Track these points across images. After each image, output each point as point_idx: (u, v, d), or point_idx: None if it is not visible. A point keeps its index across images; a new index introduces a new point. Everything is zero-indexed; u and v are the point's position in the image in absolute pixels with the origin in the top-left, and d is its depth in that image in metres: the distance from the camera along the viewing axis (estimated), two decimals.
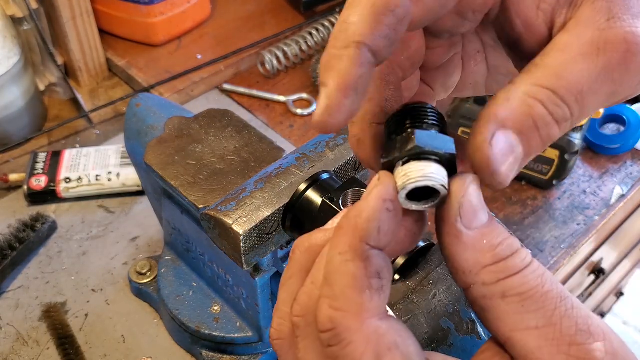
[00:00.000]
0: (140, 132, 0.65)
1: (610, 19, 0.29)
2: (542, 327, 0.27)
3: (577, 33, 0.29)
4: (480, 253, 0.28)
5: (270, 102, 1.03)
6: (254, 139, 0.62)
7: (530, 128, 0.28)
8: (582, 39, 0.29)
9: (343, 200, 0.45)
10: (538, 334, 0.27)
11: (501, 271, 0.28)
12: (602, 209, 0.89)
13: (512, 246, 0.28)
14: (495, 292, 0.28)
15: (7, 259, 0.76)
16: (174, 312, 0.67)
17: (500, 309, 0.28)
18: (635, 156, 0.97)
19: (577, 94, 0.28)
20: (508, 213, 0.88)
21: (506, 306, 0.27)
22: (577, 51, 0.29)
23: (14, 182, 0.88)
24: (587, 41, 0.29)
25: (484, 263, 0.28)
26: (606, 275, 1.43)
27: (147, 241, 0.82)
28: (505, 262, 0.28)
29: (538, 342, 0.27)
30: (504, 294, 0.28)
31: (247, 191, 0.50)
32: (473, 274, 0.28)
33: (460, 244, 0.29)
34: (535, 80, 0.28)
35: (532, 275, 0.28)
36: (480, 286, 0.28)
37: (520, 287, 0.27)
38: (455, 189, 0.29)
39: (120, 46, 1.08)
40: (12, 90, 0.90)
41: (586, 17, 0.29)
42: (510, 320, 0.27)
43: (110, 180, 0.86)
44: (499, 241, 0.28)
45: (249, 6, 1.18)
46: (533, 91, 0.28)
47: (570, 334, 0.26)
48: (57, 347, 0.70)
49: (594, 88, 0.28)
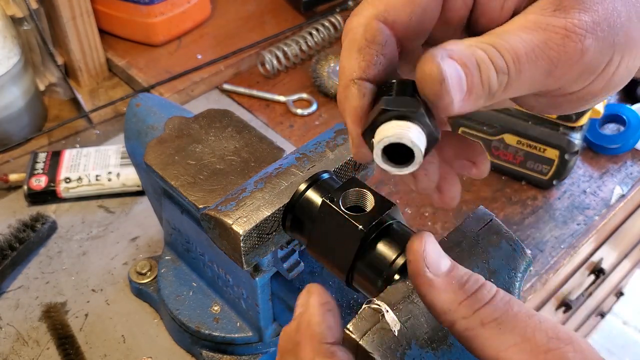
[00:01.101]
0: (140, 132, 0.65)
1: (557, 10, 0.32)
2: (520, 343, 0.31)
3: (524, 15, 0.33)
4: (452, 292, 0.33)
5: (270, 102, 1.03)
6: (254, 139, 0.62)
7: (473, 65, 0.32)
8: (528, 19, 0.33)
9: (343, 200, 0.45)
10: (518, 350, 0.31)
11: (475, 302, 0.32)
12: (602, 209, 0.89)
13: (477, 281, 0.33)
14: (474, 323, 0.32)
15: (7, 259, 0.76)
16: (174, 312, 0.68)
17: (483, 336, 0.32)
18: (635, 156, 0.97)
19: (514, 55, 0.32)
20: (508, 213, 0.88)
21: (486, 332, 0.32)
22: (521, 25, 0.33)
23: (14, 182, 0.88)
24: (531, 20, 0.33)
25: (459, 299, 0.33)
26: (606, 275, 1.43)
27: (147, 241, 0.82)
28: (476, 295, 0.33)
29: (520, 356, 0.31)
30: (482, 322, 0.32)
31: (247, 191, 0.50)
32: (452, 311, 0.33)
33: (434, 289, 0.33)
34: (481, 39, 0.33)
35: (501, 302, 0.32)
36: (461, 320, 0.32)
37: (494, 313, 0.32)
38: (416, 246, 0.34)
39: (120, 46, 1.08)
40: (12, 90, 0.90)
41: (537, 6, 0.33)
42: (494, 344, 0.31)
43: (110, 180, 0.86)
44: (466, 279, 0.33)
45: (249, 6, 1.18)
46: (477, 43, 0.32)
47: (544, 343, 0.31)
48: (57, 347, 0.70)
49: (531, 56, 0.32)
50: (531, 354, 0.30)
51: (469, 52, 0.32)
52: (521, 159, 0.89)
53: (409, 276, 0.35)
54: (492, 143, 0.90)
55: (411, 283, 0.35)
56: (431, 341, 0.39)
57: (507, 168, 0.91)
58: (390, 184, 0.90)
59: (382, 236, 0.43)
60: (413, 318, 0.39)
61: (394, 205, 0.45)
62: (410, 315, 0.39)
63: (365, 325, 0.38)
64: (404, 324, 0.38)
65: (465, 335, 0.33)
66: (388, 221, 0.44)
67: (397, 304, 0.39)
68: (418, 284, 0.34)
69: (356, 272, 0.43)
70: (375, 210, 0.43)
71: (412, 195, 0.89)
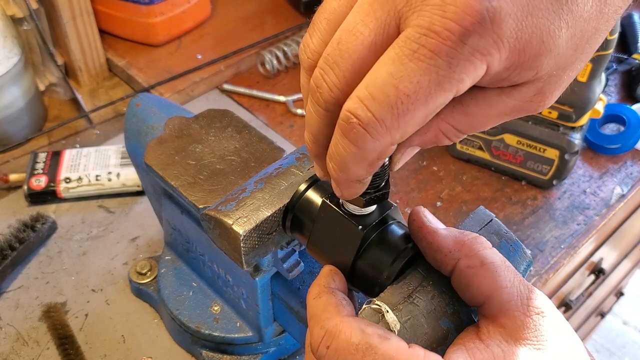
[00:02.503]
0: (140, 132, 0.65)
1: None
2: (509, 287, 0.38)
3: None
4: (455, 237, 0.40)
5: (270, 102, 1.03)
6: (254, 139, 0.62)
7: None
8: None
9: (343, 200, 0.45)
10: (508, 292, 0.38)
11: (478, 243, 0.40)
12: (602, 209, 0.89)
13: (473, 234, 0.41)
14: (475, 261, 0.39)
15: (7, 259, 0.76)
16: (174, 312, 0.68)
17: (480, 274, 0.39)
18: (635, 156, 0.97)
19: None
20: (508, 213, 0.88)
21: (485, 271, 0.38)
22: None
23: (14, 182, 0.88)
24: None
25: (462, 240, 0.40)
26: (606, 275, 1.43)
27: (147, 241, 0.82)
28: (476, 239, 0.40)
29: (508, 297, 0.38)
30: (482, 263, 0.39)
31: (247, 191, 0.50)
32: (457, 250, 0.39)
33: (438, 235, 0.40)
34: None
35: (498, 255, 0.40)
36: (464, 258, 0.39)
37: (493, 257, 0.39)
38: (416, 209, 0.42)
39: (120, 46, 1.08)
40: (12, 90, 0.90)
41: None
42: (488, 282, 0.38)
43: (110, 180, 0.86)
44: (463, 232, 0.41)
45: (249, 6, 1.18)
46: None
47: (527, 293, 0.38)
48: (57, 347, 0.70)
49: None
50: (516, 298, 0.38)
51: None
52: (521, 159, 0.89)
53: (412, 233, 0.42)
54: (492, 143, 0.90)
55: (415, 239, 0.42)
56: (431, 341, 0.39)
57: (507, 168, 0.91)
58: (391, 184, 0.90)
59: (382, 236, 0.43)
60: (413, 318, 0.39)
61: (394, 206, 0.45)
62: (410, 316, 0.39)
63: None
64: (404, 324, 0.38)
65: (466, 273, 0.39)
66: (388, 221, 0.44)
67: (398, 304, 0.39)
68: (423, 233, 0.41)
69: (356, 272, 0.43)
70: (376, 210, 0.43)
71: (412, 195, 0.89)
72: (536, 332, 0.37)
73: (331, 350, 0.37)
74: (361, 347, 0.36)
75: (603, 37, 0.35)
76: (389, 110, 0.31)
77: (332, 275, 0.43)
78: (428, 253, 0.41)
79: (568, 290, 1.30)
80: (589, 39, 0.33)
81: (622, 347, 2.31)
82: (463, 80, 0.30)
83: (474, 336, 0.38)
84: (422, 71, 0.30)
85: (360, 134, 0.32)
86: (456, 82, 0.30)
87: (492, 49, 0.30)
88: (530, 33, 0.30)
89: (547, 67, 0.32)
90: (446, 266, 0.40)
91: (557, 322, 0.38)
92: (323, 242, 0.45)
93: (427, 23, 0.29)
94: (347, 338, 0.36)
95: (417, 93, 0.30)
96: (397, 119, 0.31)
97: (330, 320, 0.38)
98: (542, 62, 0.32)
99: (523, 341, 0.37)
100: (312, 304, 0.41)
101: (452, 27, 0.29)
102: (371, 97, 0.31)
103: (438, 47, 0.29)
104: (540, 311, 0.38)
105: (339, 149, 0.34)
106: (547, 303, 0.39)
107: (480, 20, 0.29)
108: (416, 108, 0.31)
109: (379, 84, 0.31)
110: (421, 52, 0.30)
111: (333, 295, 0.40)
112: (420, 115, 0.31)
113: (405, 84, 0.30)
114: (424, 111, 0.31)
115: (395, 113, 0.31)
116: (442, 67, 0.30)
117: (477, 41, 0.29)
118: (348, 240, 0.43)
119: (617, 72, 1.10)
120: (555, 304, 0.40)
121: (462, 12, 0.29)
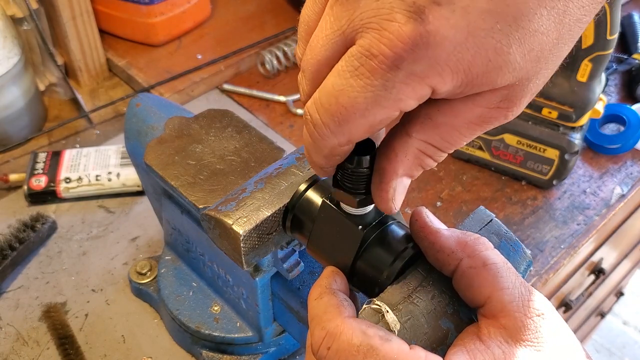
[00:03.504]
0: (140, 132, 0.65)
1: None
2: (510, 288, 0.39)
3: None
4: (458, 237, 0.41)
5: (270, 102, 1.03)
6: (254, 139, 0.62)
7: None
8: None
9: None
10: (509, 293, 0.38)
11: (480, 244, 0.40)
12: (602, 209, 0.89)
13: (475, 234, 0.41)
14: (478, 262, 0.39)
15: (7, 259, 0.76)
16: (174, 312, 0.68)
17: (482, 275, 0.39)
18: (635, 156, 0.97)
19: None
20: (508, 213, 0.88)
21: (487, 272, 0.39)
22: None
23: (14, 182, 0.88)
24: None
25: (464, 241, 0.40)
26: (606, 275, 1.43)
27: (147, 241, 0.82)
28: (478, 240, 0.41)
29: (509, 298, 0.38)
30: (484, 263, 0.39)
31: (247, 191, 0.50)
32: (459, 250, 0.40)
33: (441, 235, 0.41)
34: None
35: (499, 256, 0.40)
36: (467, 258, 0.40)
37: (495, 258, 0.40)
38: (417, 210, 0.42)
39: (120, 46, 1.08)
40: (12, 90, 0.90)
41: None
42: (490, 283, 0.39)
43: (110, 180, 0.86)
44: (465, 233, 0.41)
45: (249, 6, 1.18)
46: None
47: (528, 295, 0.39)
48: (57, 347, 0.70)
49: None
50: (518, 299, 0.38)
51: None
52: (521, 159, 0.89)
53: (414, 234, 0.42)
54: (492, 143, 0.90)
55: (417, 239, 0.42)
56: (431, 341, 0.39)
57: (507, 168, 0.91)
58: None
59: (382, 236, 0.43)
60: (413, 318, 0.39)
61: None
62: (410, 316, 0.39)
63: None
64: (404, 324, 0.38)
65: (468, 273, 0.39)
66: (388, 221, 0.44)
67: (398, 305, 0.39)
68: (426, 233, 0.41)
69: (356, 272, 0.43)
70: (375, 210, 0.43)
71: (412, 195, 0.89)
72: (536, 334, 0.37)
73: (332, 352, 0.37)
74: (362, 348, 0.36)
75: (570, 45, 0.34)
76: (331, 117, 0.33)
77: (333, 276, 0.43)
78: (430, 253, 0.41)
79: (568, 290, 1.29)
80: (552, 49, 0.33)
81: (622, 347, 2.31)
82: (402, 100, 0.32)
83: (474, 337, 0.38)
84: (360, 88, 0.32)
85: (311, 131, 0.35)
86: (394, 102, 0.32)
87: (431, 72, 0.31)
88: (473, 53, 0.30)
89: (503, 81, 0.32)
90: (448, 266, 0.41)
91: (556, 324, 0.38)
92: (323, 242, 0.45)
93: (368, 45, 0.31)
94: (348, 339, 0.37)
95: (354, 107, 0.32)
96: (339, 126, 0.34)
97: (332, 322, 0.38)
98: (495, 78, 0.32)
99: (523, 342, 0.37)
100: (314, 304, 0.41)
101: (385, 53, 0.30)
102: (320, 103, 0.34)
103: (374, 69, 0.31)
104: (540, 313, 0.38)
105: (305, 136, 0.37)
106: (547, 304, 0.39)
107: (412, 47, 0.30)
108: (355, 119, 0.33)
109: (324, 93, 0.34)
110: (360, 71, 0.31)
111: (334, 296, 0.41)
112: (362, 125, 0.33)
113: (343, 97, 0.32)
114: (364, 123, 0.33)
115: (337, 120, 0.33)
116: (378, 87, 0.31)
117: (412, 66, 0.30)
118: (348, 240, 0.43)
119: (617, 72, 1.10)
120: (555, 304, 0.40)
121: (395, 38, 0.30)
